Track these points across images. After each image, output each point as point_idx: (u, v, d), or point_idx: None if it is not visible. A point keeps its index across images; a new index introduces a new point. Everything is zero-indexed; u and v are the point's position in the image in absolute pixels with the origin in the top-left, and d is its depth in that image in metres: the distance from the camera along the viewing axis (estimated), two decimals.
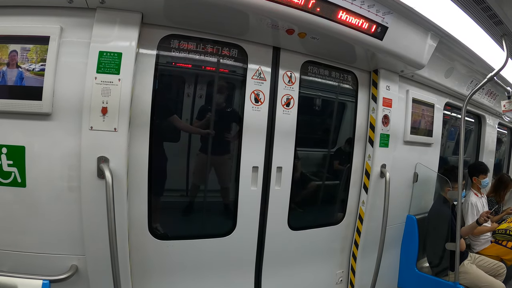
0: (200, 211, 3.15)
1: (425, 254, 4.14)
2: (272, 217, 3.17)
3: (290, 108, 3.14)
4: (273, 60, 3.05)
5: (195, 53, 2.77)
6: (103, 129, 2.23)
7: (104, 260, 2.22)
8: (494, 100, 5.77)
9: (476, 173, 4.67)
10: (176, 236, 2.90)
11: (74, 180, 2.28)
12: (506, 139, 8.01)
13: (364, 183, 3.67)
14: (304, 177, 3.60)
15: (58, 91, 2.22)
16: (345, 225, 3.72)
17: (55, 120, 2.23)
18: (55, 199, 2.29)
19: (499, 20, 3.16)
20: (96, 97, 2.21)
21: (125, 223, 2.42)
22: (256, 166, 3.03)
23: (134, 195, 2.58)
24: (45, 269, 2.24)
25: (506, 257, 4.34)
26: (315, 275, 3.59)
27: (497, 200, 5.18)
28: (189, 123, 3.00)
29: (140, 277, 2.70)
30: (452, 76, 4.32)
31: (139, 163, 2.57)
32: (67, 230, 2.33)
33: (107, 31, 2.26)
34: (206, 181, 3.11)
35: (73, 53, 2.26)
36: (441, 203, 4.01)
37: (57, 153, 2.26)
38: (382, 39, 2.94)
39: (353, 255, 3.77)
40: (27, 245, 2.29)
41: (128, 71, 2.27)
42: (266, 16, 2.47)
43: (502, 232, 4.56)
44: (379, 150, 3.55)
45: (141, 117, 2.55)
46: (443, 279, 3.76)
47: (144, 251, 2.71)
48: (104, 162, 2.24)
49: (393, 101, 3.61)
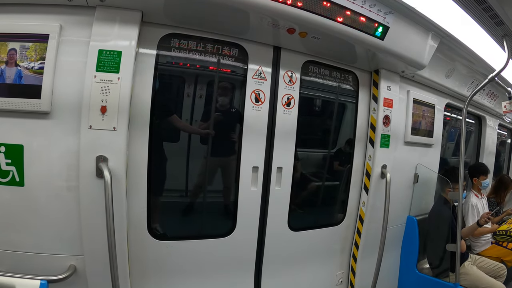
0: (199, 211, 3.12)
1: (425, 255, 4.14)
2: (272, 218, 3.16)
3: (290, 108, 3.13)
4: (273, 59, 3.03)
5: (195, 52, 2.76)
6: (102, 128, 2.22)
7: (103, 261, 2.20)
8: (494, 101, 5.77)
9: (476, 174, 4.67)
10: (175, 236, 2.88)
11: (72, 180, 2.26)
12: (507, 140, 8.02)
13: (364, 184, 3.65)
14: (304, 177, 3.58)
15: (57, 90, 2.20)
16: (345, 226, 3.71)
17: (54, 119, 2.21)
18: (53, 198, 2.26)
19: (501, 21, 3.15)
20: (95, 96, 2.19)
21: (124, 223, 2.40)
22: (256, 166, 3.02)
23: (133, 195, 2.56)
24: (43, 269, 2.22)
25: (507, 258, 4.32)
26: (315, 276, 3.57)
27: (497, 201, 5.17)
28: (189, 123, 2.99)
29: (139, 277, 2.68)
30: (453, 77, 4.31)
31: (138, 162, 2.56)
32: (65, 230, 2.30)
33: (107, 29, 2.25)
34: (206, 181, 3.08)
35: (72, 52, 2.24)
36: (442, 204, 4.00)
37: (55, 152, 2.25)
38: (383, 39, 2.93)
39: (353, 256, 3.75)
40: (25, 245, 2.27)
41: (127, 69, 2.26)
42: (267, 15, 2.46)
43: (502, 233, 4.54)
44: (380, 150, 3.54)
45: (141, 116, 2.53)
46: (443, 280, 3.75)
47: (143, 252, 2.69)
48: (103, 162, 2.22)
49: (394, 102, 3.60)
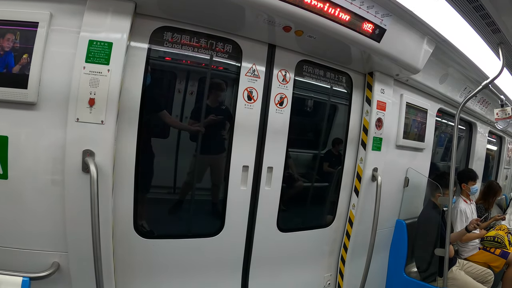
0: (187, 209, 3.07)
1: (413, 259, 4.15)
2: (261, 218, 3.13)
3: (283, 107, 3.10)
4: (268, 57, 3.00)
5: (188, 47, 2.70)
6: (90, 121, 2.16)
7: (87, 258, 2.14)
8: (486, 108, 5.82)
9: (465, 179, 4.70)
10: (161, 234, 2.84)
11: (58, 174, 2.20)
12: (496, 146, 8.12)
13: (355, 186, 3.65)
14: (294, 178, 3.56)
15: (44, 80, 2.13)
16: (334, 228, 3.69)
17: (40, 110, 2.15)
18: (37, 192, 2.21)
19: (497, 28, 3.16)
20: (84, 88, 2.13)
21: (109, 220, 2.34)
22: (247, 166, 2.98)
23: (119, 191, 2.50)
24: (25, 266, 2.16)
25: (494, 264, 4.36)
26: (303, 278, 3.55)
27: (485, 207, 5.21)
28: (179, 119, 2.94)
29: (124, 276, 2.62)
30: (446, 82, 4.33)
31: (126, 158, 2.50)
32: (49, 225, 2.24)
33: (98, 19, 2.19)
34: (195, 179, 3.03)
35: (62, 41, 2.18)
36: (431, 208, 4.01)
37: (41, 145, 2.18)
38: (380, 42, 2.91)
39: (342, 258, 3.74)
40: (6, 240, 2.20)
41: (118, 62, 2.20)
42: (263, 11, 2.42)
43: (490, 239, 4.58)
44: (372, 153, 3.53)
45: (130, 111, 2.47)
46: (431, 285, 3.76)
47: (128, 249, 2.64)
48: (89, 156, 2.16)
49: (387, 105, 3.59)
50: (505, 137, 7.91)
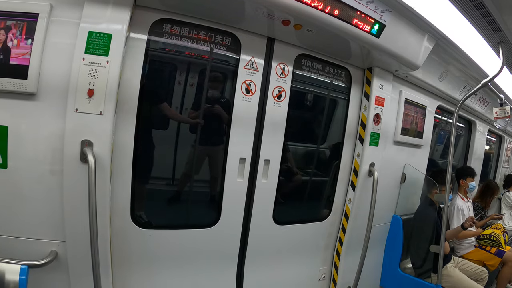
0: (184, 200, 3.11)
1: (408, 255, 4.17)
2: (257, 210, 3.15)
3: (281, 100, 3.11)
4: (266, 51, 3.00)
5: (188, 39, 2.71)
6: (89, 111, 2.17)
7: (84, 247, 2.17)
8: (485, 107, 5.81)
9: (463, 175, 4.72)
10: (158, 225, 2.86)
11: (56, 164, 2.21)
12: (495, 145, 8.10)
13: (351, 181, 3.66)
14: (291, 171, 3.57)
15: (44, 71, 2.14)
16: (330, 222, 3.72)
17: (39, 101, 2.16)
18: (36, 182, 2.22)
19: (498, 27, 3.15)
20: (83, 79, 2.15)
21: (107, 210, 2.37)
22: (244, 158, 3.00)
23: (117, 181, 2.52)
24: (23, 254, 2.18)
25: (489, 263, 4.40)
26: (298, 271, 3.58)
27: (482, 205, 5.25)
28: (178, 111, 2.95)
29: (120, 265, 2.65)
30: (446, 80, 4.32)
31: (124, 149, 2.52)
32: (48, 214, 2.27)
33: (98, 11, 2.19)
34: (192, 170, 3.05)
35: (62, 32, 2.18)
36: (427, 205, 4.04)
37: (40, 135, 2.20)
38: (379, 37, 2.91)
39: (337, 252, 3.77)
40: (5, 228, 2.22)
41: (117, 53, 2.21)
42: (262, 4, 2.43)
43: (486, 237, 4.62)
44: (369, 148, 3.54)
45: (129, 102, 2.49)
46: (425, 281, 3.79)
47: (125, 239, 2.67)
48: (87, 146, 2.18)
49: (386, 101, 3.60)
50: (504, 136, 7.89)
